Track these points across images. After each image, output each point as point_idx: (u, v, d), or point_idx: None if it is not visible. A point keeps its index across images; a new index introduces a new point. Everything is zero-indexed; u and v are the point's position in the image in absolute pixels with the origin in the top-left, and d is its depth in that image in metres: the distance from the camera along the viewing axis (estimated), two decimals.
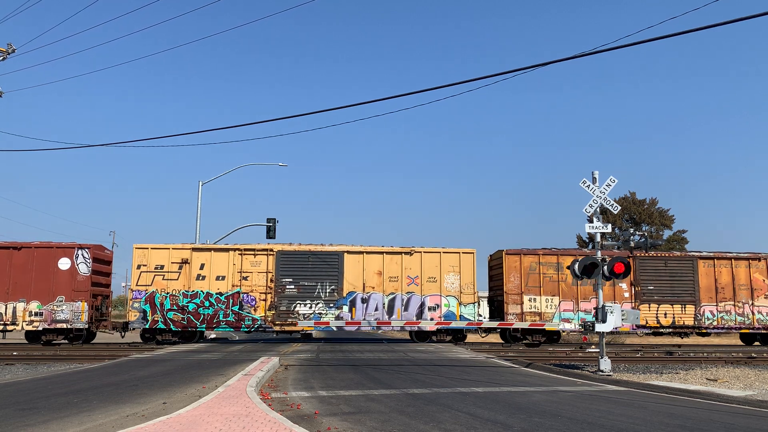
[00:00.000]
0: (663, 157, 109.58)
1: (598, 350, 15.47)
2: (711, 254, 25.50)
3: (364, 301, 24.11)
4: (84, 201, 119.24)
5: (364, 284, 24.23)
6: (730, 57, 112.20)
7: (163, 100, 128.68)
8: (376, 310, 24.00)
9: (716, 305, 25.04)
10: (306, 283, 24.12)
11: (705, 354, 20.96)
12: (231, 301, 23.78)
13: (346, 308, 24.01)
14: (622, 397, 10.40)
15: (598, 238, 14.70)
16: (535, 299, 24.59)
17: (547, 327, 24.02)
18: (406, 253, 24.56)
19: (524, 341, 24.80)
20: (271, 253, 24.27)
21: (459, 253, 24.68)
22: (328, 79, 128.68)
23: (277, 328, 24.02)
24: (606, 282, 15.41)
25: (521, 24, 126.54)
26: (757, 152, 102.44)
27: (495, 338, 27.45)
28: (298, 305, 23.99)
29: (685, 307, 25.01)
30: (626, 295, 24.90)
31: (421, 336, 24.93)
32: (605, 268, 14.27)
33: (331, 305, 24.04)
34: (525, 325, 23.57)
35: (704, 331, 25.27)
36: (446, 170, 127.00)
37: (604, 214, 34.46)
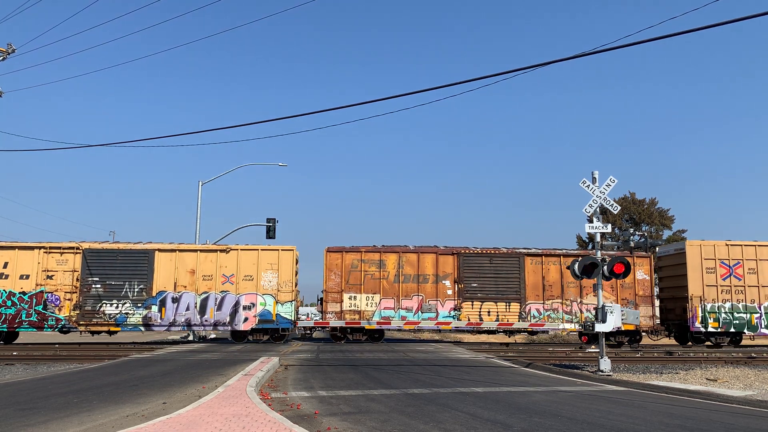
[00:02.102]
0: (663, 157, 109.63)
1: (598, 350, 15.47)
2: (539, 251, 25.00)
3: (175, 300, 23.63)
4: (84, 201, 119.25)
5: (175, 283, 23.76)
6: (730, 57, 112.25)
7: (164, 101, 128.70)
8: (188, 309, 23.57)
9: (543, 303, 24.57)
10: (113, 283, 23.66)
11: (705, 354, 20.96)
12: (34, 300, 23.29)
13: (155, 308, 23.54)
14: (622, 397, 10.40)
15: (598, 238, 14.70)
16: (355, 297, 24.19)
17: (366, 326, 23.80)
18: (222, 250, 24.18)
19: (345, 340, 24.46)
20: (78, 251, 23.71)
21: (278, 250, 24.38)
22: (328, 80, 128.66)
23: (82, 329, 23.64)
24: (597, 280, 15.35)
25: (521, 24, 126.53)
26: (757, 152, 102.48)
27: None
28: (105, 305, 23.53)
29: (510, 305, 24.53)
30: (449, 292, 24.45)
31: (237, 336, 24.54)
32: (605, 268, 14.28)
33: (139, 305, 23.57)
34: (342, 323, 23.51)
35: (529, 328, 24.82)
36: (446, 170, 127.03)
37: (604, 214, 34.39)
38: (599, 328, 14.15)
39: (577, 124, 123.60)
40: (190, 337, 28.61)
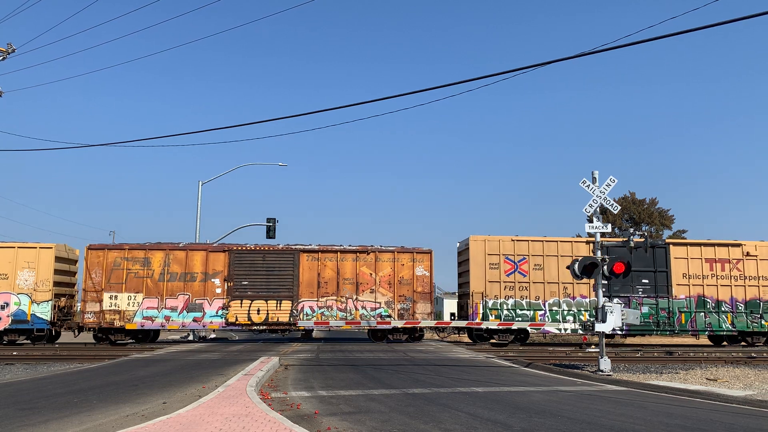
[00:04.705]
0: (663, 157, 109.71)
1: (598, 350, 15.48)
2: (316, 248, 24.32)
3: None
4: (84, 201, 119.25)
5: None
6: (730, 57, 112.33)
7: (163, 100, 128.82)
8: None
9: (317, 300, 23.93)
10: None
11: (705, 354, 20.98)
12: None
13: None
14: (622, 396, 10.39)
15: (599, 238, 14.70)
16: (116, 296, 23.50)
17: (126, 326, 23.25)
18: None
19: (108, 341, 23.84)
20: None
21: (37, 248, 23.84)
22: (328, 80, 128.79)
23: None
24: (606, 281, 15.36)
25: (521, 26, 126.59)
26: (758, 152, 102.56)
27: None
28: None
29: (281, 303, 23.87)
30: (219, 291, 23.82)
31: None
32: (605, 267, 14.28)
33: None
34: (99, 324, 23.08)
35: (300, 328, 24.17)
36: (445, 170, 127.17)
37: (604, 214, 34.37)
38: (599, 327, 14.15)
39: (577, 124, 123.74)
40: (190, 337, 28.66)
